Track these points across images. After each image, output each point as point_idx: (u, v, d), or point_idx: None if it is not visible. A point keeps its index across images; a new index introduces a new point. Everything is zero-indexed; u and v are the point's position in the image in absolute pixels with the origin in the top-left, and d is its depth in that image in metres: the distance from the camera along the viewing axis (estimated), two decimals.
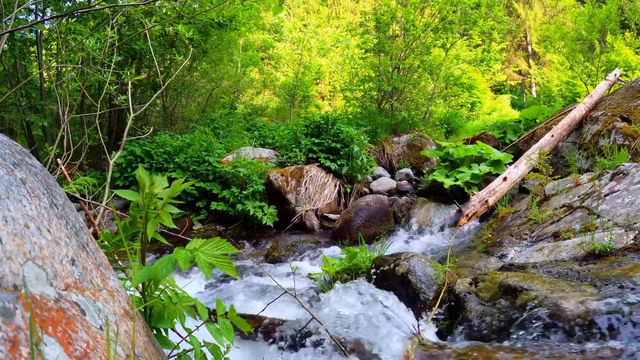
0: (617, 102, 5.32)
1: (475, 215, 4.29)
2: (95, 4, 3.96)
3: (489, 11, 8.97)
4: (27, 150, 1.29)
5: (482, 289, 1.94)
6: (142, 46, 6.01)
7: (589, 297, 1.60)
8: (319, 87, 16.45)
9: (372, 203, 4.62)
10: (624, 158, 4.13)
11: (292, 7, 21.42)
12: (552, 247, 2.66)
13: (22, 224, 0.68)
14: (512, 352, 1.40)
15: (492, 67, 16.85)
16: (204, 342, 1.06)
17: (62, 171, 2.39)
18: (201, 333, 1.07)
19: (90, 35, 3.11)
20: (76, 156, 3.58)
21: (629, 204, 2.77)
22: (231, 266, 1.01)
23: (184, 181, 1.11)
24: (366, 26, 8.61)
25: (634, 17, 10.63)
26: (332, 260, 2.79)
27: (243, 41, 9.82)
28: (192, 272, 3.29)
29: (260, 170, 5.06)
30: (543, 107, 8.64)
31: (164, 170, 5.30)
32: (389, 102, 7.95)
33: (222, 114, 8.08)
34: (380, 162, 6.94)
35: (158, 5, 3.25)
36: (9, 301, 0.56)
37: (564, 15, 18.70)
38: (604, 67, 9.13)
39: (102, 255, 0.96)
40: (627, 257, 2.08)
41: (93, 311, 0.74)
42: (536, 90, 19.57)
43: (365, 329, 1.74)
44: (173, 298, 1.06)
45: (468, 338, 1.73)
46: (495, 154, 5.29)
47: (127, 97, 3.03)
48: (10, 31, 2.30)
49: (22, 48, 5.66)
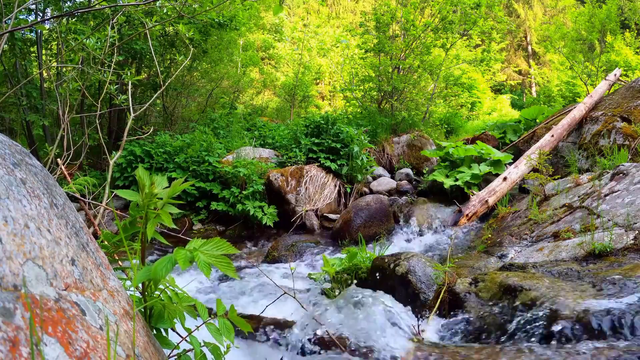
0: (617, 102, 5.32)
1: (475, 215, 4.29)
2: (96, 4, 3.96)
3: (489, 11, 8.97)
4: (27, 150, 1.29)
5: (482, 289, 1.94)
6: (142, 46, 6.02)
7: (589, 297, 1.60)
8: (319, 87, 16.45)
9: (372, 203, 4.62)
10: (624, 158, 4.13)
11: (292, 7, 21.43)
12: (552, 247, 2.66)
13: (22, 224, 0.68)
14: (512, 352, 1.40)
15: (492, 67, 16.84)
16: (204, 342, 1.06)
17: (62, 171, 2.39)
18: (201, 333, 1.07)
19: (91, 34, 3.11)
20: (76, 156, 3.58)
21: (629, 204, 2.77)
22: (231, 266, 1.01)
23: (184, 181, 1.11)
24: (366, 26, 8.61)
25: (634, 17, 10.63)
26: (332, 260, 2.79)
27: (243, 41, 9.82)
28: (192, 272, 3.29)
29: (260, 170, 5.06)
30: (543, 107, 8.64)
31: (164, 170, 5.29)
32: (389, 102, 7.96)
33: (222, 114, 8.08)
34: (380, 162, 6.94)
35: (158, 5, 3.25)
36: (9, 301, 0.56)
37: (564, 15, 18.69)
38: (604, 67, 9.13)
39: (102, 255, 0.96)
40: (627, 257, 2.08)
41: (93, 311, 0.74)
42: (536, 90, 19.57)
43: (366, 329, 1.74)
44: (173, 298, 1.07)
45: (468, 338, 1.73)
46: (495, 154, 5.29)
47: (127, 97, 3.03)
48: (10, 31, 2.31)
49: (22, 48, 5.67)
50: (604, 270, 1.94)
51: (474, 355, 1.44)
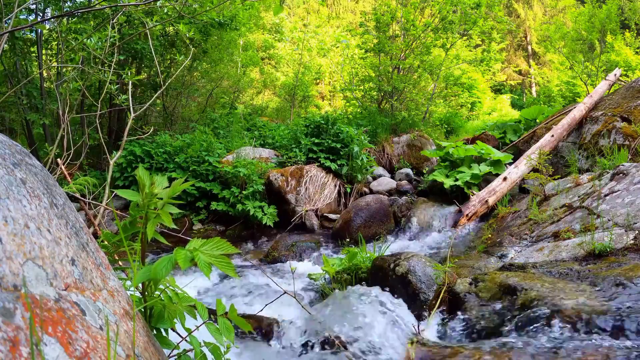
0: (617, 102, 5.32)
1: (475, 215, 4.29)
2: (96, 4, 3.96)
3: (489, 11, 8.97)
4: (27, 150, 1.29)
5: (482, 289, 1.94)
6: (143, 45, 6.02)
7: (589, 296, 1.60)
8: (319, 87, 16.45)
9: (372, 203, 4.62)
10: (624, 158, 4.13)
11: (292, 7, 21.43)
12: (552, 247, 2.66)
13: (22, 224, 0.68)
14: (513, 352, 1.40)
15: (492, 67, 16.84)
16: (204, 342, 1.06)
17: (62, 171, 2.39)
18: (201, 333, 1.07)
19: (92, 33, 3.11)
20: (76, 156, 3.58)
21: (629, 204, 2.77)
22: (231, 266, 1.01)
23: (184, 181, 1.11)
24: (366, 26, 8.61)
25: (634, 17, 10.63)
26: (332, 260, 2.79)
27: (243, 41, 9.82)
28: (192, 272, 3.29)
29: (260, 170, 5.06)
30: (543, 107, 8.63)
31: (164, 170, 5.29)
32: (389, 102, 7.96)
33: (222, 114, 8.08)
34: (380, 162, 6.94)
35: (159, 5, 3.25)
36: (9, 301, 0.56)
37: (564, 15, 18.69)
38: (604, 67, 9.13)
39: (102, 255, 0.96)
40: (627, 257, 2.08)
41: (93, 311, 0.74)
42: (536, 90, 19.57)
43: (366, 329, 1.74)
44: (173, 298, 1.07)
45: (468, 338, 1.73)
46: (495, 154, 5.29)
47: (128, 97, 3.03)
48: (10, 31, 2.30)
49: (22, 47, 5.67)
50: (604, 270, 1.94)
51: (474, 354, 1.44)
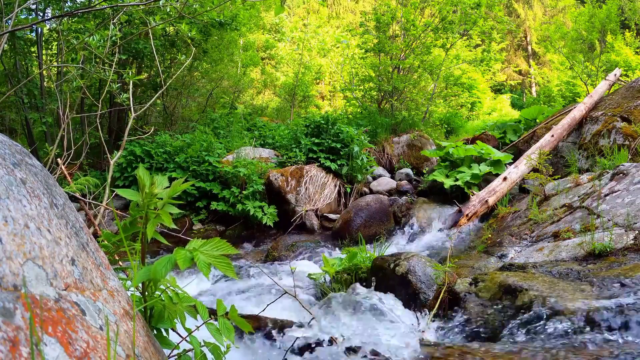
0: (617, 102, 5.32)
1: (475, 215, 4.29)
2: (96, 4, 3.96)
3: (489, 11, 8.97)
4: (27, 150, 1.29)
5: (482, 289, 1.95)
6: (144, 45, 6.02)
7: (589, 296, 1.60)
8: (319, 87, 16.44)
9: (372, 203, 4.62)
10: (624, 158, 4.13)
11: (292, 7, 21.42)
12: (552, 247, 2.66)
13: (22, 224, 0.68)
14: (513, 352, 1.40)
15: (492, 67, 16.81)
16: (204, 342, 1.06)
17: (62, 171, 2.39)
18: (201, 333, 1.07)
19: (94, 32, 3.11)
20: (76, 156, 3.58)
21: (629, 204, 2.77)
22: (230, 267, 1.01)
23: (184, 181, 1.11)
24: (366, 26, 8.61)
25: (634, 17, 10.63)
26: (332, 260, 2.79)
27: (243, 41, 9.82)
28: (192, 272, 3.29)
29: (260, 170, 5.06)
30: (543, 107, 8.64)
31: (164, 170, 5.30)
32: (389, 102, 7.96)
33: (222, 114, 8.08)
34: (380, 162, 6.94)
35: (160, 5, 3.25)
36: (9, 301, 0.56)
37: (564, 15, 18.68)
38: (604, 67, 9.12)
39: (102, 255, 0.96)
40: (627, 257, 2.08)
41: (93, 311, 0.74)
42: (536, 90, 19.56)
43: (365, 329, 1.74)
44: (173, 298, 1.07)
45: (468, 338, 1.73)
46: (495, 154, 5.29)
47: (129, 97, 3.03)
48: (10, 31, 2.31)
49: (23, 47, 5.67)
50: (604, 270, 1.94)
51: (474, 354, 1.44)
